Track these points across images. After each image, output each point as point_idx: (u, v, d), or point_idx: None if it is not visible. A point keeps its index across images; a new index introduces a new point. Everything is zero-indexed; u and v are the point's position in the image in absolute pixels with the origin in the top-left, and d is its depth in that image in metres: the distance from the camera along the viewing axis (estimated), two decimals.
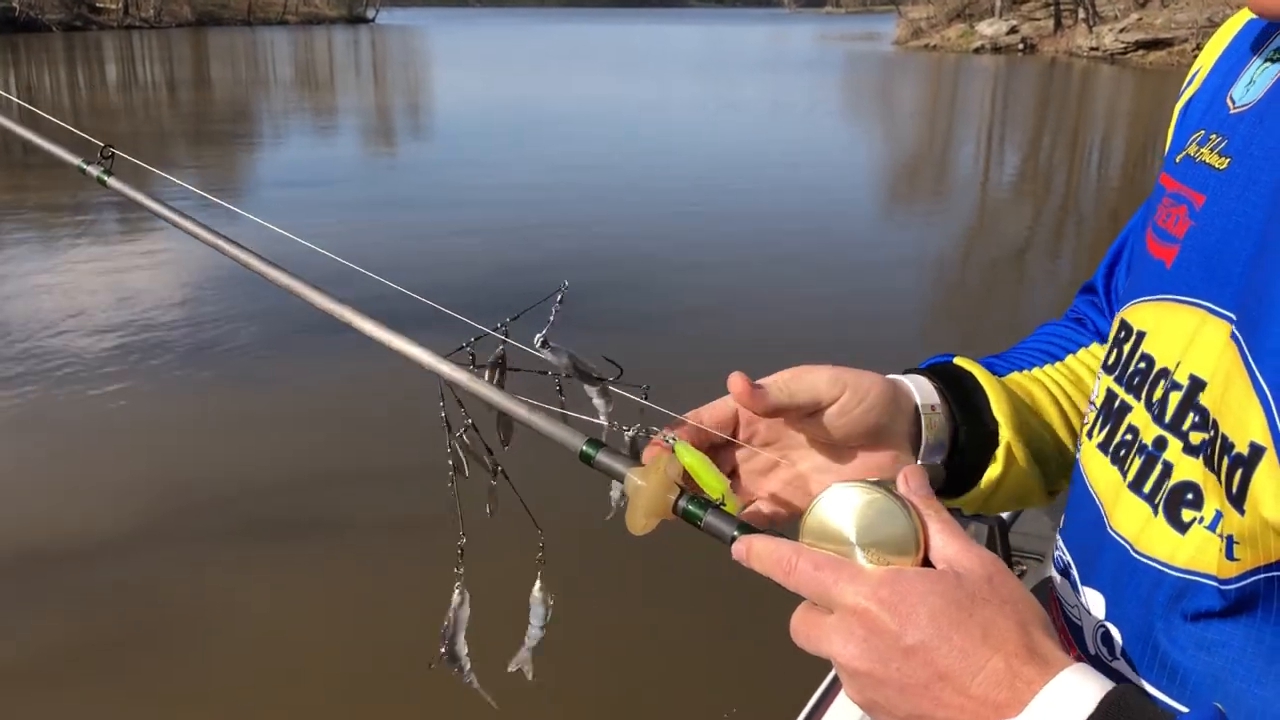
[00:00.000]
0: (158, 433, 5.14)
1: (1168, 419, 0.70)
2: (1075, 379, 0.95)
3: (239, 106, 21.87)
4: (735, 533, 0.70)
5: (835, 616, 0.63)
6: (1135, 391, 0.74)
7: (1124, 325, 0.79)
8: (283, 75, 32.03)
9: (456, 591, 0.82)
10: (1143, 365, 0.74)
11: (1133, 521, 0.71)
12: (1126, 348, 0.77)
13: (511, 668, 0.84)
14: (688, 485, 0.73)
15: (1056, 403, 0.93)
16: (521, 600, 0.82)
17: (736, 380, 0.76)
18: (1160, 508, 0.69)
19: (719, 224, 10.17)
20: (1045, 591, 0.87)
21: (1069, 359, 0.97)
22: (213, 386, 5.73)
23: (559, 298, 0.81)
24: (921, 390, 0.86)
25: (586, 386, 0.81)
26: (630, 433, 0.78)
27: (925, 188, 13.77)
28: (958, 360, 0.92)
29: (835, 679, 1.90)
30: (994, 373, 0.92)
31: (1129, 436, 0.74)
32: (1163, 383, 0.71)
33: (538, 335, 0.77)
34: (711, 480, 0.73)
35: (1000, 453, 0.87)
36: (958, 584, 0.61)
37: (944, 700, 0.59)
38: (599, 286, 7.48)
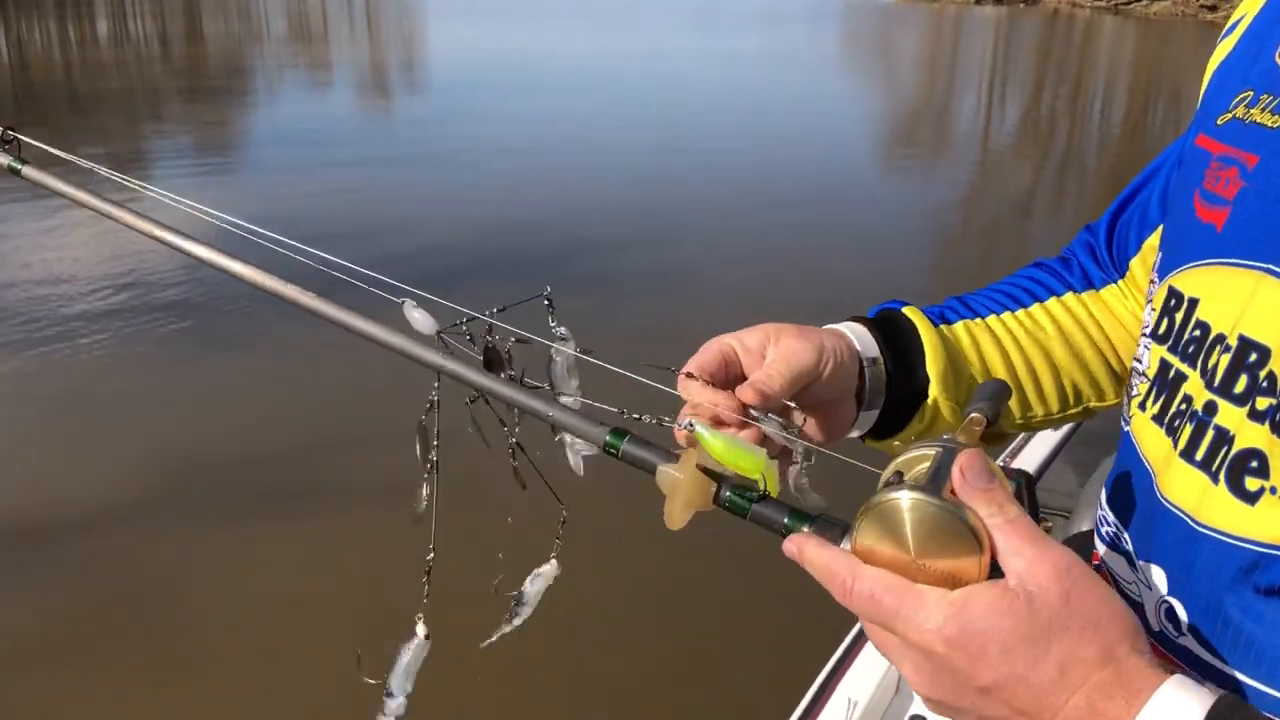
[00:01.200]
0: (145, 401, 5.05)
1: (1217, 382, 0.68)
2: (1036, 327, 0.94)
3: (233, 62, 21.59)
4: (786, 520, 0.64)
5: (900, 642, 0.60)
6: (1190, 360, 0.72)
7: (1173, 292, 0.76)
8: (276, 29, 31.57)
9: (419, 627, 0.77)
10: (1197, 333, 0.71)
11: (1188, 491, 0.70)
12: (1179, 316, 0.74)
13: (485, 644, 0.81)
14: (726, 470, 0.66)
15: (1005, 353, 0.93)
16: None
17: (748, 392, 0.72)
18: (1222, 477, 0.67)
19: (727, 183, 10.11)
20: (1075, 549, 0.86)
21: (1035, 307, 0.96)
22: (202, 353, 5.64)
23: (546, 301, 0.78)
24: (863, 343, 0.86)
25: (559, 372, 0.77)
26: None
27: (926, 141, 13.67)
28: (905, 310, 0.91)
29: (856, 639, 1.90)
30: (947, 319, 0.93)
31: (1183, 406, 0.71)
32: (1218, 348, 0.69)
33: (557, 327, 0.74)
34: (746, 462, 0.65)
35: (926, 407, 0.88)
36: (1029, 612, 0.56)
37: None
38: (596, 247, 7.43)
